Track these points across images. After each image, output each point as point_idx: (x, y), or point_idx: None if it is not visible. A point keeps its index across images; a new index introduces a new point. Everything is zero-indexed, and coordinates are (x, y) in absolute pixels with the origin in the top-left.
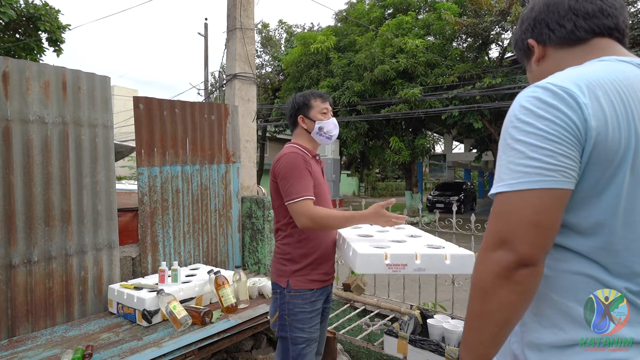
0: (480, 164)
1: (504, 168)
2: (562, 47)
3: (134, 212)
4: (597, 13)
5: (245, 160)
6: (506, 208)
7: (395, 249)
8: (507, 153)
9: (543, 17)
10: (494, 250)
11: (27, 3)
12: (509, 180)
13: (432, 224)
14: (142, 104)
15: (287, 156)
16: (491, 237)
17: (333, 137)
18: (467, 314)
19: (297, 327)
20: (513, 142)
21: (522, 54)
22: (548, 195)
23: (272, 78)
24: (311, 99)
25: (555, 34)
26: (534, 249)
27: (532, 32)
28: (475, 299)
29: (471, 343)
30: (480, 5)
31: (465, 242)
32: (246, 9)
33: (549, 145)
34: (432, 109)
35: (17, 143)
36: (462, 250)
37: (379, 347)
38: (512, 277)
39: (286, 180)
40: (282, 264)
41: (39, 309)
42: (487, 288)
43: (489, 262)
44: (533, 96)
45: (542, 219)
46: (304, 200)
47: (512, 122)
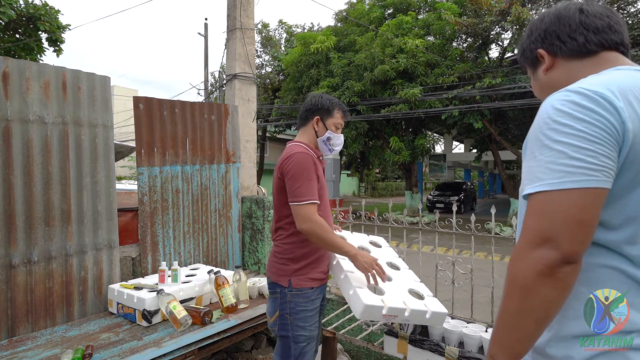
0: (480, 164)
1: (542, 168)
2: (572, 58)
3: (134, 212)
4: (606, 29)
5: (245, 160)
6: (549, 207)
7: (391, 299)
8: (544, 153)
9: (554, 29)
10: (535, 249)
11: (27, 3)
12: (551, 179)
13: (432, 224)
14: (142, 104)
15: (298, 156)
16: (532, 235)
17: (334, 152)
18: (503, 313)
19: (299, 325)
20: (552, 143)
21: (529, 63)
22: (591, 194)
23: (272, 78)
24: (336, 108)
25: (566, 45)
26: (578, 246)
27: (543, 42)
28: (514, 297)
29: (508, 341)
30: (480, 5)
31: (466, 241)
32: (246, 9)
33: (591, 145)
34: (432, 109)
35: (17, 143)
36: (441, 307)
37: (379, 347)
38: (555, 274)
39: (295, 180)
40: (283, 264)
41: (39, 309)
42: (529, 285)
43: (530, 259)
44: (568, 100)
45: (586, 217)
46: (311, 204)
47: (548, 124)
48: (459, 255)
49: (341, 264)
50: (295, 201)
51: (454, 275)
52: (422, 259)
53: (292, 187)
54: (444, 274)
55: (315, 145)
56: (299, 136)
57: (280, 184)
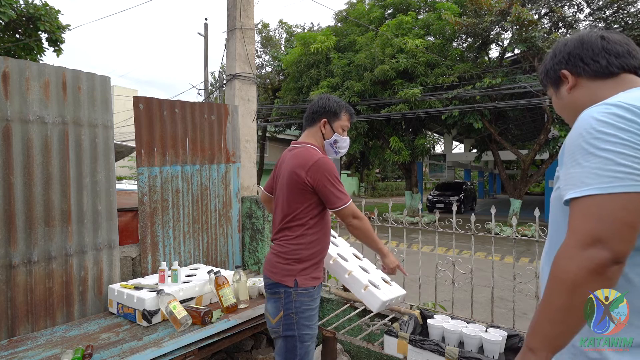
0: (480, 164)
1: (589, 174)
2: (595, 79)
3: (134, 212)
4: (625, 54)
5: (245, 160)
6: (599, 210)
7: (389, 291)
8: (590, 160)
9: (577, 52)
10: (585, 249)
11: (27, 3)
12: (599, 184)
13: (432, 224)
14: (142, 104)
15: (324, 160)
16: (582, 236)
17: (340, 154)
18: (547, 308)
19: (305, 324)
20: (597, 151)
21: (552, 82)
22: (639, 199)
23: (272, 78)
24: (343, 110)
25: (590, 67)
26: (627, 247)
27: (567, 64)
28: (562, 293)
29: (552, 335)
30: (480, 5)
31: (466, 241)
32: (246, 9)
33: (636, 153)
34: (432, 109)
35: (17, 143)
36: (402, 290)
37: (379, 347)
38: (605, 273)
39: (333, 186)
40: (289, 264)
41: (39, 309)
42: (578, 283)
43: (580, 258)
44: (610, 112)
45: (635, 219)
46: (351, 202)
47: (592, 133)
48: (459, 255)
49: (341, 263)
50: (341, 205)
51: (454, 275)
52: (422, 259)
53: (331, 192)
54: (444, 274)
55: (322, 147)
56: (306, 137)
57: (301, 187)
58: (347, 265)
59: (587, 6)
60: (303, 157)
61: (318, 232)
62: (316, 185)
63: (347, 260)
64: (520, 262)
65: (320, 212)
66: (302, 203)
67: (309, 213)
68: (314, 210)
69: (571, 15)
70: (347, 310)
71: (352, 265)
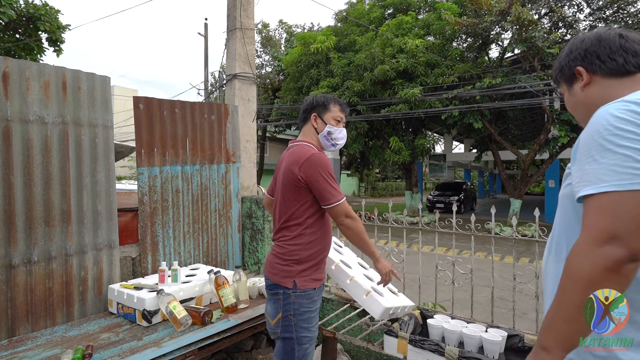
0: (480, 164)
1: (606, 170)
2: (610, 77)
3: (134, 212)
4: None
5: (245, 160)
6: (616, 206)
7: (393, 299)
8: (607, 157)
9: (594, 49)
10: (601, 246)
11: (27, 3)
12: (617, 181)
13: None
14: (142, 104)
15: (318, 156)
16: (598, 233)
17: (337, 147)
18: (561, 307)
19: (303, 326)
20: (615, 147)
21: (566, 79)
22: None
23: (272, 78)
24: (331, 102)
25: (606, 65)
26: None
27: (583, 61)
28: (577, 291)
29: (566, 333)
30: (480, 5)
31: (466, 241)
32: (246, 9)
33: None
34: (432, 109)
35: (17, 143)
36: (409, 301)
37: (379, 347)
38: (621, 270)
39: (326, 182)
40: (288, 265)
41: (39, 309)
42: (594, 280)
43: (596, 256)
44: (628, 109)
45: None
46: (344, 200)
47: (609, 130)
48: (459, 255)
49: (343, 269)
50: (334, 201)
51: (454, 275)
52: (422, 259)
53: (324, 189)
54: (444, 274)
55: (318, 143)
56: (301, 136)
57: (296, 185)
58: (350, 272)
59: (587, 6)
60: (297, 154)
61: (317, 231)
62: (309, 180)
63: (351, 267)
64: (520, 262)
65: (318, 210)
66: (298, 201)
67: (306, 212)
68: (310, 209)
69: (571, 15)
70: (347, 310)
71: (356, 272)
